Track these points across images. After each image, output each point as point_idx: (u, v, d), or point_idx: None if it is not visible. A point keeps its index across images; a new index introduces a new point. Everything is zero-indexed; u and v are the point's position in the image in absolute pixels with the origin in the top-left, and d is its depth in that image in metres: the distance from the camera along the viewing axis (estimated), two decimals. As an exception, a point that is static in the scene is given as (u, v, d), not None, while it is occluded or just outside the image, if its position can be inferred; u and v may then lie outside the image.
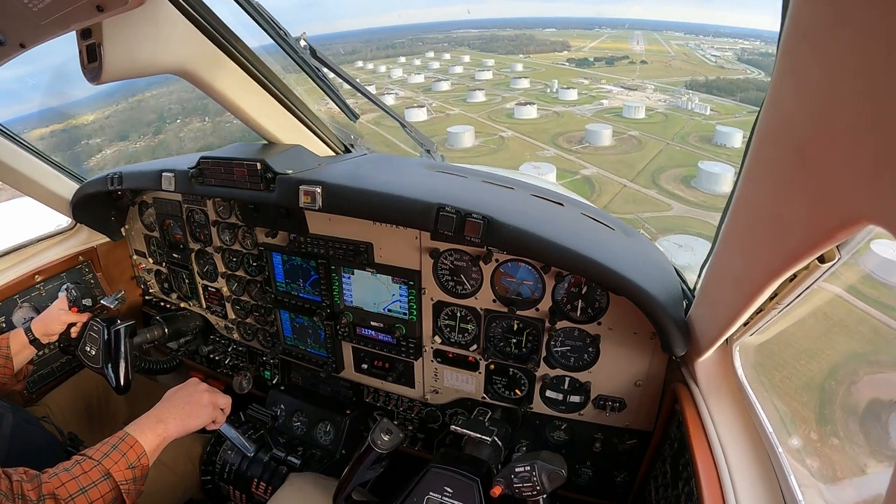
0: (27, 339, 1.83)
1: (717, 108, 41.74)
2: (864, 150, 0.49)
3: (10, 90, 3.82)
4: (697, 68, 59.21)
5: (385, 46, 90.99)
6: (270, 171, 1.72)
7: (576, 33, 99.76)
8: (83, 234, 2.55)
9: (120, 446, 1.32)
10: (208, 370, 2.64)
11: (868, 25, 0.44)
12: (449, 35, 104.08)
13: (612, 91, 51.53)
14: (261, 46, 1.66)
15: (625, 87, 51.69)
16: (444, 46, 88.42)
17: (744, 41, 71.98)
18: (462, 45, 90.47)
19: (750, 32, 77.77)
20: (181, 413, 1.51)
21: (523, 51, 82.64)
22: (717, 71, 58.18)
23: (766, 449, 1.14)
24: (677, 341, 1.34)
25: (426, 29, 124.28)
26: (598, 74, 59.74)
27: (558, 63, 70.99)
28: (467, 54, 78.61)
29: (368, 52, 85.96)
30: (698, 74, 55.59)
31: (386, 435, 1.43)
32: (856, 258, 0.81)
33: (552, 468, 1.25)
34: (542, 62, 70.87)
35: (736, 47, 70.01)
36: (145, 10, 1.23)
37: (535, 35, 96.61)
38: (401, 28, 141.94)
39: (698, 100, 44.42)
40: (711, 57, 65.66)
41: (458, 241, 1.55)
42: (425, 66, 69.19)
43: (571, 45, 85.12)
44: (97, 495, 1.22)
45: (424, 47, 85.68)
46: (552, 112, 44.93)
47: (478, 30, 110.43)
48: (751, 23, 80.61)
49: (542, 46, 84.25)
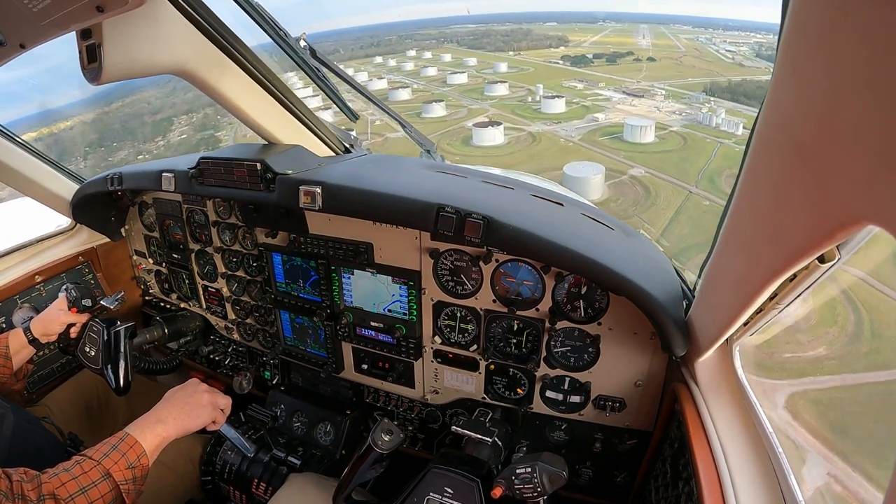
0: (26, 339, 1.83)
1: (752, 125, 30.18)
2: (864, 150, 0.49)
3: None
4: (714, 66, 50.96)
5: (369, 45, 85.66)
6: (270, 171, 1.72)
7: (577, 27, 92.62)
8: (83, 234, 2.55)
9: (120, 446, 1.32)
10: (208, 370, 2.64)
11: (868, 25, 0.44)
12: (443, 31, 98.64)
13: (611, 99, 42.09)
14: (260, 46, 1.66)
15: (628, 94, 42.59)
16: (430, 44, 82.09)
17: (756, 35, 64.52)
18: (451, 41, 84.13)
19: (760, 26, 70.25)
20: (181, 413, 1.51)
21: (514, 47, 75.20)
22: (736, 70, 49.79)
23: (766, 449, 1.14)
24: (677, 341, 1.34)
25: (421, 25, 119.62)
26: (597, 75, 51.60)
27: (551, 61, 62.28)
28: (450, 52, 72.01)
29: (348, 51, 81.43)
30: (716, 74, 47.19)
31: (386, 435, 1.43)
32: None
33: (553, 470, 1.25)
34: (533, 60, 62.79)
35: (750, 41, 62.47)
36: (145, 11, 1.23)
37: (532, 30, 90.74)
38: (395, 25, 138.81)
39: (724, 112, 33.45)
40: (726, 52, 57.86)
41: (458, 241, 1.55)
42: (397, 68, 63.77)
43: (570, 39, 77.36)
44: (97, 495, 1.22)
45: (408, 45, 79.61)
46: (526, 134, 35.35)
47: (475, 25, 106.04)
48: (758, 16, 76.37)
49: (537, 42, 77.48)
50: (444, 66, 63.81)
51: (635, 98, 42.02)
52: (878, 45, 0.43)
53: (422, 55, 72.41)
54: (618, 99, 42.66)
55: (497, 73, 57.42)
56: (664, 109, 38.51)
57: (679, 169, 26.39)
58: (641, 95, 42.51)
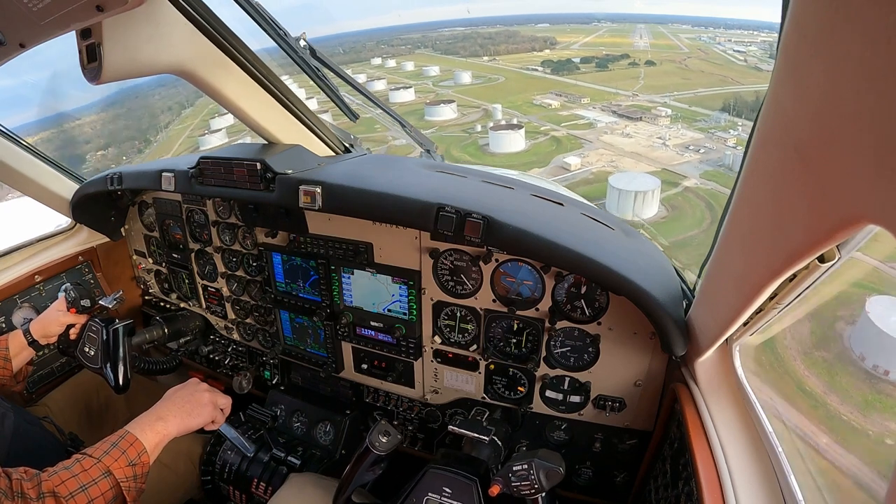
0: (26, 340, 1.83)
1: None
2: (864, 149, 0.49)
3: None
4: (725, 71, 38.55)
5: (346, 51, 79.95)
6: (270, 171, 1.72)
7: (570, 28, 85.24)
8: (83, 234, 2.55)
9: (120, 444, 1.32)
10: (208, 370, 2.64)
11: (869, 25, 0.44)
12: (426, 35, 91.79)
13: (595, 125, 27.90)
14: (260, 46, 1.66)
15: (620, 115, 27.98)
16: (404, 50, 73.76)
17: (761, 33, 54.37)
18: (428, 46, 75.82)
19: (762, 25, 59.68)
20: (182, 412, 1.51)
21: (491, 51, 65.11)
22: (753, 75, 37.72)
23: (766, 449, 1.14)
24: (677, 341, 1.34)
25: (409, 30, 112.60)
26: (582, 86, 38.55)
27: (529, 68, 48.99)
28: (417, 59, 62.16)
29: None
30: (731, 81, 33.46)
31: (384, 437, 1.42)
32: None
33: (550, 466, 1.25)
34: (507, 67, 51.37)
35: (757, 40, 51.96)
36: (145, 10, 1.23)
37: (519, 31, 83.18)
38: (390, 29, 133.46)
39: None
40: (735, 53, 46.40)
41: (458, 241, 1.55)
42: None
43: (559, 41, 67.93)
44: (97, 493, 1.22)
45: (379, 52, 70.96)
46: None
47: (464, 28, 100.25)
48: (757, 16, 70.74)
49: (520, 45, 68.21)
50: (399, 76, 53.43)
51: (630, 121, 27.67)
52: (878, 45, 0.43)
53: (385, 64, 63.39)
54: (605, 124, 27.56)
55: (457, 86, 45.80)
56: (672, 142, 24.50)
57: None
58: (639, 118, 28.19)
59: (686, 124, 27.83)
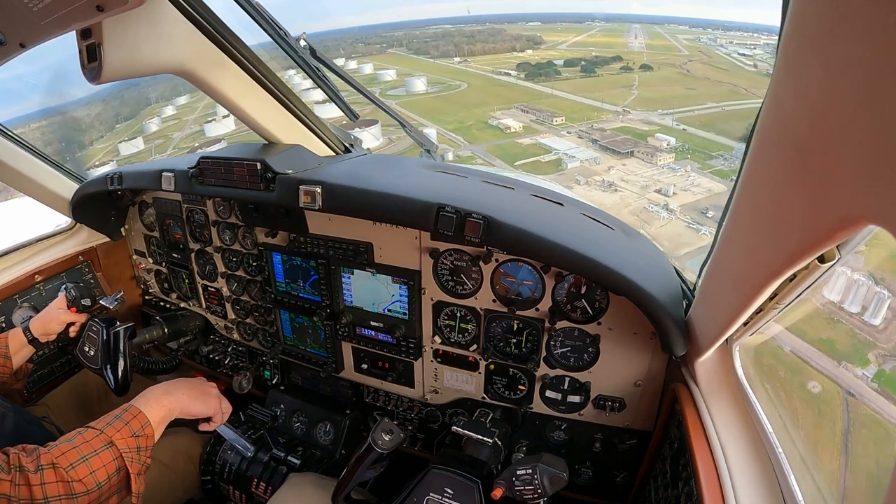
0: (26, 338, 1.83)
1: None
2: (863, 149, 0.49)
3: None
4: (733, 78, 31.64)
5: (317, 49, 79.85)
6: (270, 170, 1.72)
7: (561, 27, 78.34)
8: (83, 233, 2.55)
9: (123, 416, 1.31)
10: (208, 370, 2.64)
11: (868, 25, 0.44)
12: (408, 34, 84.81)
13: (564, 163, 19.18)
14: (260, 46, 1.66)
15: (603, 147, 18.92)
16: (376, 49, 67.58)
17: (762, 35, 48.29)
18: (401, 45, 68.99)
19: (761, 27, 54.56)
20: (189, 392, 1.52)
21: (464, 52, 57.07)
22: (767, 84, 24.52)
23: (766, 449, 1.14)
24: (677, 341, 1.34)
25: (396, 27, 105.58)
26: (559, 98, 29.97)
27: (501, 72, 38.88)
28: (378, 60, 55.53)
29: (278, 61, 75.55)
30: (744, 91, 26.05)
31: (387, 435, 1.43)
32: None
33: (554, 471, 1.25)
34: (477, 70, 42.25)
35: (760, 43, 46.07)
36: (145, 10, 1.24)
37: (504, 29, 76.82)
38: (388, 25, 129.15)
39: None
40: (740, 56, 40.31)
41: (458, 241, 1.55)
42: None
43: (545, 40, 59.97)
44: (99, 464, 1.20)
45: (348, 52, 64.50)
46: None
47: (451, 25, 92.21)
48: (756, 18, 69.14)
49: (500, 44, 60.34)
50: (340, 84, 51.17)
51: (616, 157, 18.41)
52: (878, 45, 0.43)
53: (347, 65, 54.17)
54: (581, 163, 18.34)
55: (408, 95, 38.60)
56: (678, 200, 16.14)
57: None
58: (629, 152, 19.37)
59: (698, 162, 20.23)
